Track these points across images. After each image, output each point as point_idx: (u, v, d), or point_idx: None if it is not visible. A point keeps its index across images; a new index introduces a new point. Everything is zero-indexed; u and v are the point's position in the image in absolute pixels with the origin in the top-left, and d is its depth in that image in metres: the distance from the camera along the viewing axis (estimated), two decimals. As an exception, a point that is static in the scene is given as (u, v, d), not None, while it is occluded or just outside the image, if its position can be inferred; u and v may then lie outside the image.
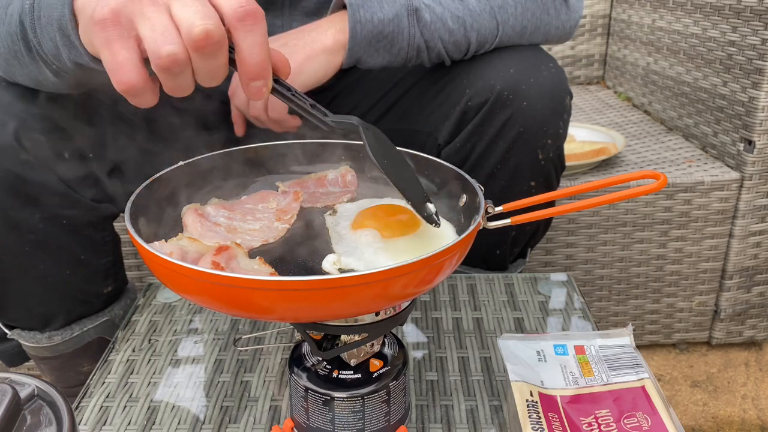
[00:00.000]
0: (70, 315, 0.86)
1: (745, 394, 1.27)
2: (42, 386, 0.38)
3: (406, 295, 0.50)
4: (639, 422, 0.56)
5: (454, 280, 0.92)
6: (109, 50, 0.48)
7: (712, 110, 1.32)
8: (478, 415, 0.67)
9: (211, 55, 0.48)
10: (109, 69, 0.49)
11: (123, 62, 0.48)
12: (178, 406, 0.69)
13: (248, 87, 0.51)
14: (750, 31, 1.19)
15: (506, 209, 0.58)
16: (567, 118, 0.84)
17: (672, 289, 1.32)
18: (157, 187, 0.61)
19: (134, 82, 0.49)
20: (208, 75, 0.50)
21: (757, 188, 1.23)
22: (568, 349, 0.66)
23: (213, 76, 0.50)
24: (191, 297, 0.50)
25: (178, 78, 0.50)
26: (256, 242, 0.60)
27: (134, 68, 0.49)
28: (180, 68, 0.49)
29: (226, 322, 0.84)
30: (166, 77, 0.49)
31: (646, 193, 0.53)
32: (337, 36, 0.77)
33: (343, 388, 0.58)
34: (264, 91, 0.51)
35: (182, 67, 0.49)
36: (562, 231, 1.27)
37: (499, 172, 0.84)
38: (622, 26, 1.72)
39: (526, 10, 0.83)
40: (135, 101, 0.51)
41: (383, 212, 0.62)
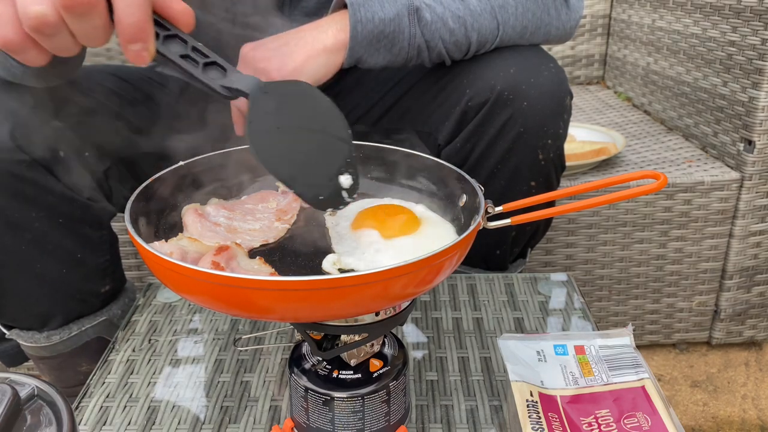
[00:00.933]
0: (68, 314, 0.86)
1: (745, 394, 1.27)
2: (42, 386, 0.38)
3: (406, 295, 0.50)
4: (639, 422, 0.56)
5: (454, 280, 0.92)
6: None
7: (712, 110, 1.32)
8: (478, 415, 0.67)
9: (84, 16, 0.46)
10: None
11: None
12: (178, 406, 0.69)
13: (126, 50, 0.48)
14: (750, 31, 1.19)
15: (506, 209, 0.58)
16: (567, 118, 0.84)
17: (672, 289, 1.32)
18: (157, 187, 0.61)
19: (9, 37, 0.48)
20: (85, 36, 0.48)
21: (757, 188, 1.23)
22: (568, 349, 0.66)
23: (91, 37, 0.48)
24: (191, 297, 0.50)
25: (53, 39, 0.48)
26: (256, 242, 0.60)
27: (9, 23, 0.47)
28: (52, 29, 0.47)
29: (226, 322, 0.84)
30: (41, 38, 0.48)
31: (646, 193, 0.53)
32: (337, 35, 0.77)
33: (343, 388, 0.58)
34: (145, 56, 0.48)
35: (54, 28, 0.47)
36: (562, 231, 1.27)
37: (500, 172, 0.84)
38: (622, 26, 1.72)
39: (526, 11, 0.83)
40: (21, 59, 0.49)
41: (383, 212, 0.62)
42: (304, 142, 0.52)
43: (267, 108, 0.51)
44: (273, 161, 0.50)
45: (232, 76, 0.51)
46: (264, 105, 0.51)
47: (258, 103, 0.51)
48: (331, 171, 0.52)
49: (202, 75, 0.50)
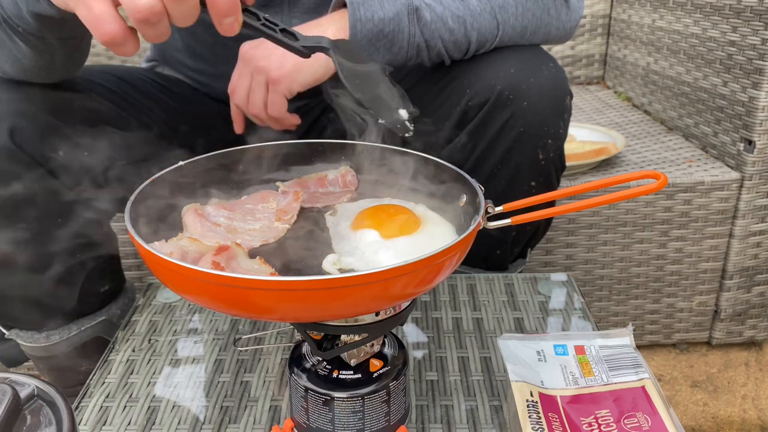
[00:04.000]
0: (67, 314, 0.85)
1: (746, 394, 1.27)
2: (42, 386, 0.38)
3: (406, 295, 0.50)
4: (639, 422, 0.56)
5: (454, 280, 0.92)
6: (83, 5, 0.50)
7: (712, 110, 1.32)
8: (478, 415, 0.67)
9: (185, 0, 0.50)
10: (88, 23, 0.50)
11: (100, 15, 0.49)
12: (178, 406, 0.69)
13: (221, 25, 0.52)
14: (750, 31, 1.19)
15: (506, 209, 0.58)
16: (567, 118, 0.84)
17: (672, 289, 1.32)
18: (157, 187, 0.61)
19: (115, 32, 0.50)
20: (182, 17, 0.51)
21: (757, 188, 1.23)
22: (568, 349, 0.66)
23: (187, 18, 0.52)
24: (191, 297, 0.50)
25: (156, 27, 0.51)
26: (256, 242, 0.60)
27: (113, 19, 0.50)
28: (158, 17, 0.50)
29: (226, 322, 0.84)
30: (145, 28, 0.51)
31: (646, 193, 0.53)
32: (337, 34, 0.77)
33: (343, 388, 0.58)
34: (236, 26, 0.53)
35: (159, 16, 0.50)
36: (562, 231, 1.27)
37: (500, 172, 0.84)
38: (622, 26, 1.72)
39: (526, 10, 0.83)
40: (118, 51, 0.52)
41: (383, 212, 0.62)
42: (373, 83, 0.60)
43: (343, 60, 0.59)
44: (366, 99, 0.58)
45: (304, 39, 0.58)
46: (341, 57, 0.59)
47: (337, 55, 0.58)
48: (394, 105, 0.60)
49: (282, 37, 0.57)
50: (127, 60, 1.70)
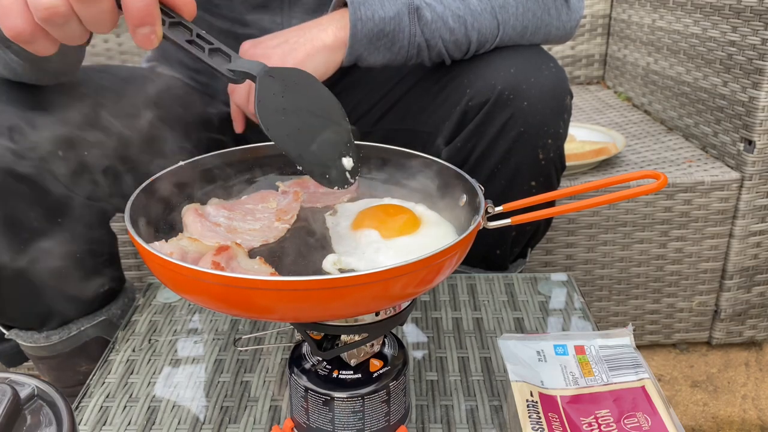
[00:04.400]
0: (67, 314, 0.85)
1: (746, 394, 1.27)
2: (42, 386, 0.38)
3: (406, 295, 0.50)
4: (639, 422, 0.56)
5: (454, 280, 0.92)
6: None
7: (712, 110, 1.32)
8: (478, 415, 0.67)
9: (94, 3, 0.47)
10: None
11: (7, 8, 0.48)
12: (178, 406, 0.69)
13: (135, 34, 0.49)
14: (750, 31, 1.19)
15: (506, 209, 0.58)
16: (567, 117, 0.84)
17: (672, 289, 1.32)
18: (157, 187, 0.61)
19: (20, 27, 0.48)
20: (94, 22, 0.49)
21: (757, 188, 1.23)
22: (568, 349, 0.66)
23: (100, 23, 0.49)
24: (191, 297, 0.50)
25: (64, 28, 0.49)
26: (256, 242, 0.60)
27: (19, 14, 0.48)
28: (63, 19, 0.48)
29: (226, 322, 0.84)
30: (51, 28, 0.49)
31: (646, 193, 0.53)
32: (337, 33, 0.77)
33: (343, 388, 0.58)
34: (153, 39, 0.49)
35: (64, 17, 0.48)
36: (562, 231, 1.27)
37: (500, 172, 0.84)
38: (622, 26, 1.72)
39: (527, 10, 0.83)
40: (30, 48, 0.50)
41: (383, 212, 0.62)
42: (308, 124, 0.54)
43: (273, 90, 0.53)
44: (283, 139, 0.52)
45: (237, 61, 0.53)
46: (270, 87, 0.53)
47: (265, 84, 0.53)
48: (335, 153, 0.55)
49: (208, 59, 0.52)
50: (127, 60, 1.70)
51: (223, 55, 0.53)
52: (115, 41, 1.69)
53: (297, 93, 0.54)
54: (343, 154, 0.55)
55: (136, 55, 1.70)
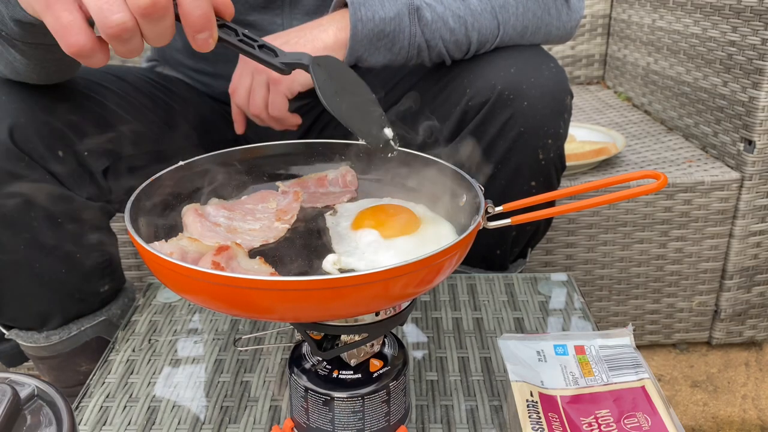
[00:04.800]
0: (67, 314, 0.85)
1: (746, 394, 1.27)
2: (42, 386, 0.38)
3: (406, 295, 0.50)
4: (639, 422, 0.56)
5: (454, 280, 0.92)
6: (51, 13, 0.49)
7: (712, 110, 1.32)
8: (478, 415, 0.67)
9: (160, 19, 0.49)
10: (55, 32, 0.49)
11: (68, 25, 0.48)
12: (178, 406, 0.69)
13: (194, 40, 0.51)
14: (750, 31, 1.19)
15: (506, 209, 0.58)
16: (568, 117, 0.84)
17: (672, 289, 1.32)
18: (157, 187, 0.61)
19: (82, 43, 0.49)
20: (157, 37, 0.50)
21: (757, 188, 1.23)
22: (568, 349, 0.66)
23: (162, 37, 0.51)
24: (191, 297, 0.50)
25: (128, 43, 0.50)
26: (256, 242, 0.60)
27: (81, 30, 0.49)
28: (130, 34, 0.49)
29: (226, 322, 0.84)
30: (116, 44, 0.50)
31: (646, 193, 0.53)
32: (338, 34, 0.77)
33: (343, 388, 0.58)
34: (210, 42, 0.52)
35: (132, 33, 0.49)
36: (562, 231, 1.27)
37: (500, 171, 0.84)
38: (622, 26, 1.72)
39: (527, 10, 0.83)
40: (86, 62, 0.51)
41: (383, 212, 0.62)
42: (354, 103, 0.59)
43: (324, 76, 0.57)
44: (347, 117, 0.57)
45: (284, 55, 0.57)
46: (322, 74, 0.57)
47: (318, 72, 0.57)
48: (377, 124, 0.60)
49: (260, 54, 0.55)
50: (127, 60, 1.70)
51: (268, 51, 0.56)
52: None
53: (338, 76, 0.59)
54: (383, 125, 0.60)
55: (136, 55, 1.69)
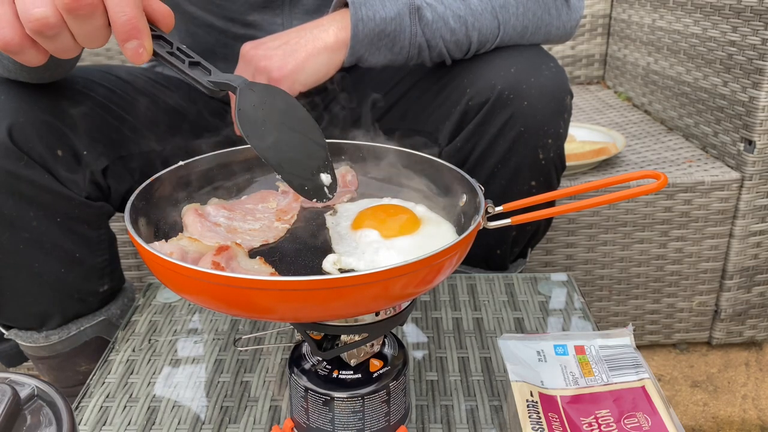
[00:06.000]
0: (66, 314, 0.85)
1: (746, 394, 1.27)
2: (42, 386, 0.38)
3: (406, 295, 0.50)
4: (639, 422, 0.56)
5: (454, 280, 0.92)
6: None
7: (713, 110, 1.32)
8: (478, 415, 0.67)
9: (86, 17, 0.48)
10: None
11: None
12: (178, 406, 0.69)
13: (124, 49, 0.50)
14: (750, 30, 1.19)
15: (506, 209, 0.58)
16: (567, 117, 0.84)
17: (672, 289, 1.32)
18: (157, 187, 0.61)
19: (8, 38, 0.48)
20: (86, 37, 0.49)
21: (757, 188, 1.23)
22: (568, 349, 0.66)
23: (92, 38, 0.49)
24: (191, 297, 0.50)
25: (55, 41, 0.49)
26: (256, 242, 0.60)
27: (8, 25, 0.48)
28: (53, 31, 0.48)
29: (226, 322, 0.84)
30: (42, 40, 0.49)
31: (646, 193, 0.53)
32: (338, 34, 0.77)
33: (343, 388, 0.58)
34: (141, 53, 0.50)
35: (56, 29, 0.48)
36: (562, 231, 1.27)
37: (500, 171, 0.84)
38: (622, 26, 1.72)
39: (527, 10, 0.83)
40: (18, 59, 0.50)
41: (383, 212, 0.62)
42: (287, 138, 0.56)
43: (253, 102, 0.54)
44: (263, 147, 0.53)
45: (218, 75, 0.54)
46: (250, 99, 0.54)
47: (245, 95, 0.54)
48: (312, 168, 0.56)
49: (189, 70, 0.53)
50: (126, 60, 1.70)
51: (203, 69, 0.54)
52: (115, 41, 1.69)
53: (276, 108, 0.56)
54: (321, 170, 0.57)
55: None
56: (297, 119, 0.57)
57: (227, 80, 0.54)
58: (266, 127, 0.54)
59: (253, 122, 0.53)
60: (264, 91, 0.55)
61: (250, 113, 0.53)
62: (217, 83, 0.53)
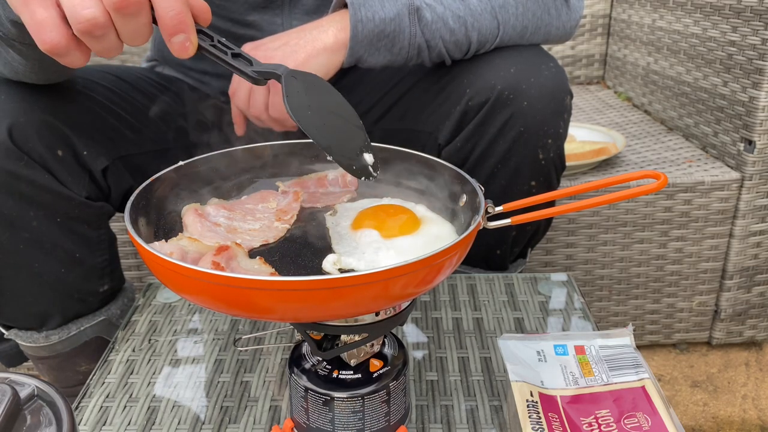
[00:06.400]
0: (66, 314, 0.85)
1: (746, 394, 1.27)
2: (42, 386, 0.38)
3: (406, 295, 0.50)
4: (639, 422, 0.56)
5: (454, 280, 0.92)
6: (27, 10, 0.48)
7: (713, 110, 1.32)
8: (478, 415, 0.67)
9: (133, 16, 0.48)
10: (30, 28, 0.49)
11: (42, 21, 0.48)
12: (178, 406, 0.69)
13: (171, 44, 0.50)
14: (750, 30, 1.19)
15: (506, 209, 0.58)
16: (567, 117, 0.84)
17: (672, 289, 1.32)
18: (157, 187, 0.61)
19: (56, 41, 0.49)
20: (131, 35, 0.50)
21: (757, 188, 1.23)
22: (568, 349, 0.66)
23: (137, 36, 0.50)
24: (191, 297, 0.50)
25: (102, 41, 0.49)
26: (256, 242, 0.60)
27: (55, 27, 0.48)
28: (102, 31, 0.48)
29: (226, 322, 0.84)
30: (89, 40, 0.49)
31: (646, 193, 0.53)
32: (338, 35, 0.77)
33: (343, 388, 0.58)
34: (188, 46, 0.51)
35: (104, 29, 0.48)
36: (562, 231, 1.27)
37: (500, 171, 0.84)
38: (622, 26, 1.72)
39: (527, 10, 0.83)
40: (63, 61, 0.50)
41: (383, 212, 0.62)
42: (332, 121, 0.57)
43: (297, 89, 0.55)
44: (314, 130, 0.54)
45: (259, 64, 0.55)
46: (295, 86, 0.55)
47: (290, 83, 0.55)
48: (356, 148, 0.57)
49: (233, 61, 0.54)
50: (126, 60, 1.70)
51: (244, 60, 0.55)
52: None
53: (318, 94, 0.57)
54: (364, 150, 0.57)
55: (136, 54, 1.70)
56: (336, 104, 0.58)
57: (271, 69, 0.55)
58: (312, 111, 0.55)
59: (302, 107, 0.54)
60: (306, 77, 0.57)
61: (298, 99, 0.55)
62: (261, 72, 0.55)
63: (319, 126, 0.55)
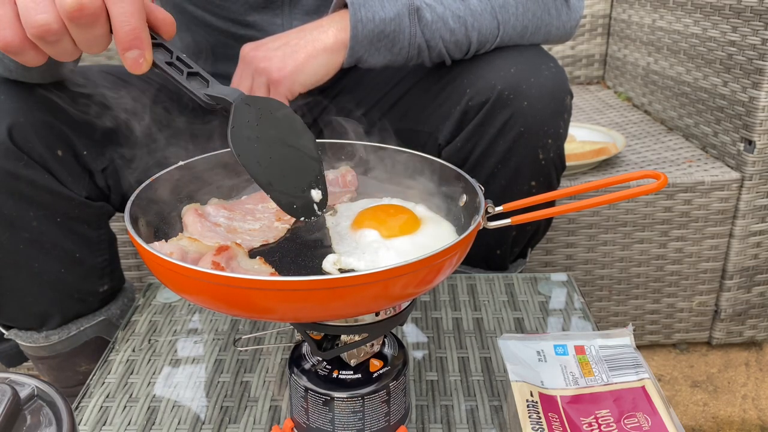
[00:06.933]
0: (66, 314, 0.85)
1: (746, 394, 1.27)
2: (42, 386, 0.38)
3: (406, 295, 0.50)
4: (639, 422, 0.56)
5: (454, 280, 0.92)
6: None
7: (713, 110, 1.32)
8: (478, 415, 0.67)
9: (88, 26, 0.48)
10: None
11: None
12: (178, 406, 0.69)
13: (124, 58, 0.50)
14: (750, 31, 1.19)
15: (506, 209, 0.58)
16: (567, 117, 0.84)
17: (672, 289, 1.32)
18: (157, 187, 0.61)
19: (9, 39, 0.49)
20: (87, 43, 0.49)
21: (757, 188, 1.23)
22: (568, 349, 0.66)
23: (93, 45, 0.50)
24: (191, 297, 0.50)
25: (55, 46, 0.49)
26: (256, 242, 0.60)
27: (9, 26, 0.48)
28: (55, 37, 0.48)
29: (226, 322, 0.84)
30: (43, 45, 0.49)
31: (646, 193, 0.53)
32: (338, 35, 0.77)
33: (343, 388, 0.58)
34: (141, 63, 0.50)
35: (57, 35, 0.48)
36: (562, 231, 1.27)
37: (500, 171, 0.84)
38: (622, 26, 1.72)
39: (527, 10, 0.83)
40: (18, 59, 0.50)
41: (383, 212, 0.62)
42: (280, 154, 0.55)
43: (248, 117, 0.54)
44: (253, 166, 0.53)
45: (215, 87, 0.54)
46: (245, 115, 0.54)
47: (240, 111, 0.53)
48: (303, 184, 0.56)
49: (186, 82, 0.52)
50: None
51: (201, 80, 0.53)
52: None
53: (271, 123, 0.55)
54: (312, 186, 0.57)
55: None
56: (293, 132, 0.57)
57: (223, 95, 0.53)
58: (260, 143, 0.54)
59: (246, 139, 0.53)
60: (262, 104, 0.55)
61: (243, 130, 0.53)
62: (213, 97, 0.53)
63: (263, 160, 0.53)
